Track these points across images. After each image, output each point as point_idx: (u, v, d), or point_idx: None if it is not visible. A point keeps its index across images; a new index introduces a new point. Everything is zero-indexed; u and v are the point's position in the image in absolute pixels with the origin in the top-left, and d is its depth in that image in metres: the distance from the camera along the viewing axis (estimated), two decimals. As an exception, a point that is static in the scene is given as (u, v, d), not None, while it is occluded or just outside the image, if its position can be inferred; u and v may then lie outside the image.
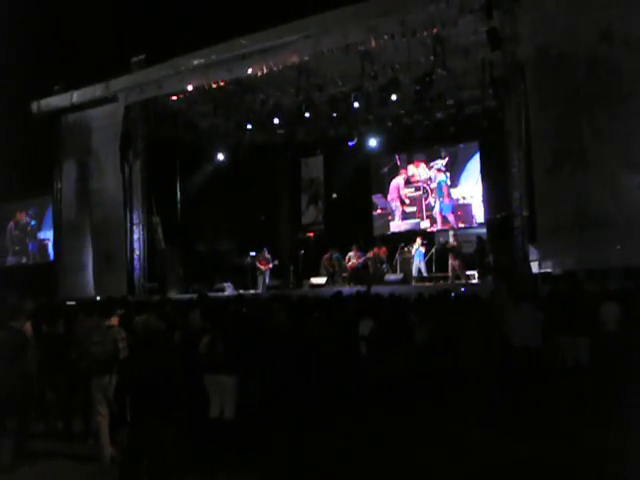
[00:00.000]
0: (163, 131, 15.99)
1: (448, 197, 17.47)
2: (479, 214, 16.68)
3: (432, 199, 17.70)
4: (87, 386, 6.38)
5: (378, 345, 7.08)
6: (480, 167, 16.76)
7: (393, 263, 16.02)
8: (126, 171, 15.41)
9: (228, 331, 6.20)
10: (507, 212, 11.45)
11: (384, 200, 18.57)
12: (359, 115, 15.77)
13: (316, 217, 19.89)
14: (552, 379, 6.98)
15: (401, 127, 16.44)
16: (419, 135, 16.32)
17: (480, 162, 16.78)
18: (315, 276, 16.23)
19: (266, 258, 16.51)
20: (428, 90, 13.22)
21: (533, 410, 6.49)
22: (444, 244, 15.50)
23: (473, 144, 16.93)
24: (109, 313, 6.70)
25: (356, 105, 14.09)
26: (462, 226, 17.03)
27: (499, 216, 12.54)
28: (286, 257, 18.31)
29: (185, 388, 4.88)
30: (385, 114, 16.02)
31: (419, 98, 13.57)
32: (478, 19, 11.02)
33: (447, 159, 17.49)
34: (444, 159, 17.54)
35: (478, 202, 16.76)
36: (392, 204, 18.40)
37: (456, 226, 17.10)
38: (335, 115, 15.54)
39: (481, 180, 16.64)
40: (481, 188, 16.62)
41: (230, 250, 18.43)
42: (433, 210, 17.67)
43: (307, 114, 14.78)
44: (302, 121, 15.88)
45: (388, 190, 18.47)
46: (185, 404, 5.07)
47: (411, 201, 18.10)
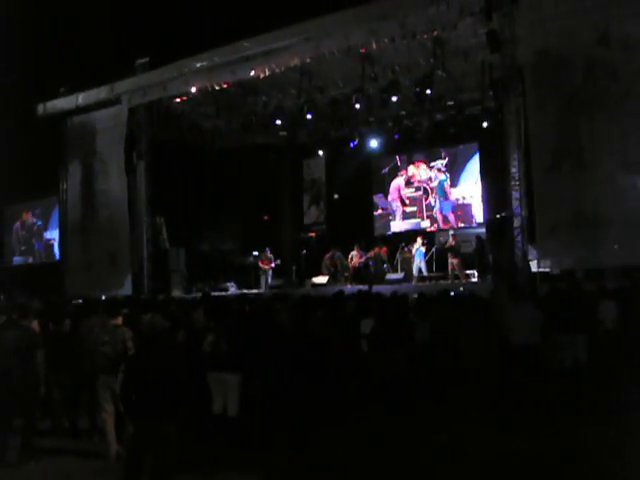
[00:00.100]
0: (167, 133, 16.03)
1: (448, 197, 17.55)
2: (479, 214, 16.74)
3: (432, 199, 17.76)
4: (93, 384, 6.42)
5: (379, 344, 7.10)
6: (480, 167, 16.81)
7: (394, 263, 16.11)
8: (130, 172, 15.46)
9: (231, 330, 6.27)
10: (506, 212, 11.43)
11: (385, 200, 18.63)
12: (360, 116, 15.79)
13: (318, 217, 19.96)
14: (551, 377, 7.03)
15: (401, 128, 16.43)
16: (419, 136, 16.31)
17: (480, 162, 16.84)
18: (317, 275, 16.31)
19: (269, 258, 16.64)
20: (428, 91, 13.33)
21: (532, 408, 6.49)
22: (443, 244, 15.54)
23: (472, 145, 16.97)
24: (114, 312, 6.80)
25: (357, 106, 14.11)
26: (462, 226, 17.09)
27: (498, 216, 12.50)
28: (288, 257, 18.41)
29: (189, 386, 4.95)
30: (386, 115, 16.06)
31: (419, 100, 13.64)
32: (477, 22, 11.04)
33: (447, 160, 17.56)
34: (444, 160, 17.61)
35: (478, 202, 16.82)
36: (393, 204, 18.47)
37: (456, 226, 17.15)
38: (336, 116, 15.60)
39: (480, 180, 16.70)
40: (480, 188, 16.66)
41: (233, 250, 18.54)
42: (433, 210, 17.74)
43: (309, 115, 14.81)
44: (304, 122, 15.91)
45: (389, 190, 18.54)
46: (189, 402, 5.14)
47: (411, 201, 18.16)
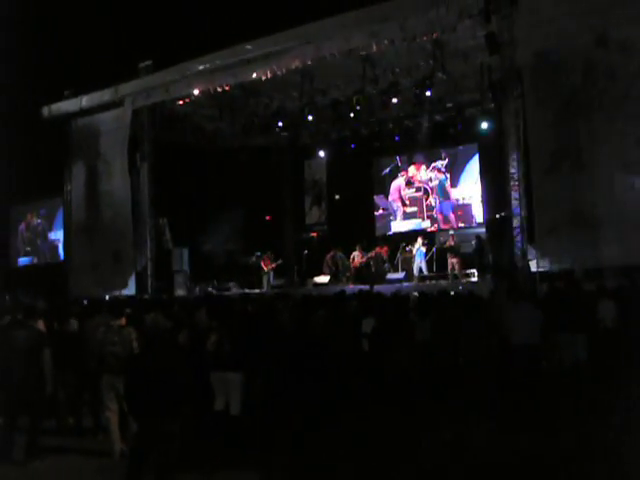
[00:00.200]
0: (170, 134, 16.12)
1: (448, 197, 17.63)
2: (478, 214, 16.81)
3: (432, 199, 17.83)
4: (97, 383, 6.48)
5: (380, 343, 7.16)
6: (479, 168, 16.88)
7: (395, 262, 16.21)
8: (134, 173, 15.56)
9: (234, 330, 6.34)
10: (506, 212, 11.47)
11: (385, 201, 18.71)
12: (361, 118, 15.90)
13: (319, 217, 20.03)
14: (551, 376, 7.09)
15: (402, 129, 16.56)
16: (419, 137, 16.43)
17: (479, 163, 16.91)
18: (318, 275, 16.41)
19: (270, 258, 16.77)
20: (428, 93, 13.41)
21: (532, 408, 6.50)
22: (443, 244, 15.62)
23: (472, 146, 17.02)
24: (118, 312, 6.85)
25: (358, 108, 14.27)
26: (462, 226, 17.16)
27: (498, 216, 12.50)
28: (290, 257, 18.53)
29: (192, 385, 5.02)
30: (386, 117, 16.16)
31: (419, 101, 13.73)
32: (477, 24, 11.08)
33: (447, 160, 17.63)
34: (444, 160, 17.69)
35: (477, 202, 16.90)
36: (393, 205, 18.55)
37: (456, 226, 17.22)
38: (337, 118, 15.69)
39: (480, 181, 16.76)
40: (480, 188, 16.73)
41: (235, 250, 18.60)
42: (433, 210, 17.82)
43: (310, 117, 14.94)
44: (305, 124, 16.03)
45: (389, 191, 18.61)
46: (192, 401, 5.20)
47: (412, 202, 18.23)
